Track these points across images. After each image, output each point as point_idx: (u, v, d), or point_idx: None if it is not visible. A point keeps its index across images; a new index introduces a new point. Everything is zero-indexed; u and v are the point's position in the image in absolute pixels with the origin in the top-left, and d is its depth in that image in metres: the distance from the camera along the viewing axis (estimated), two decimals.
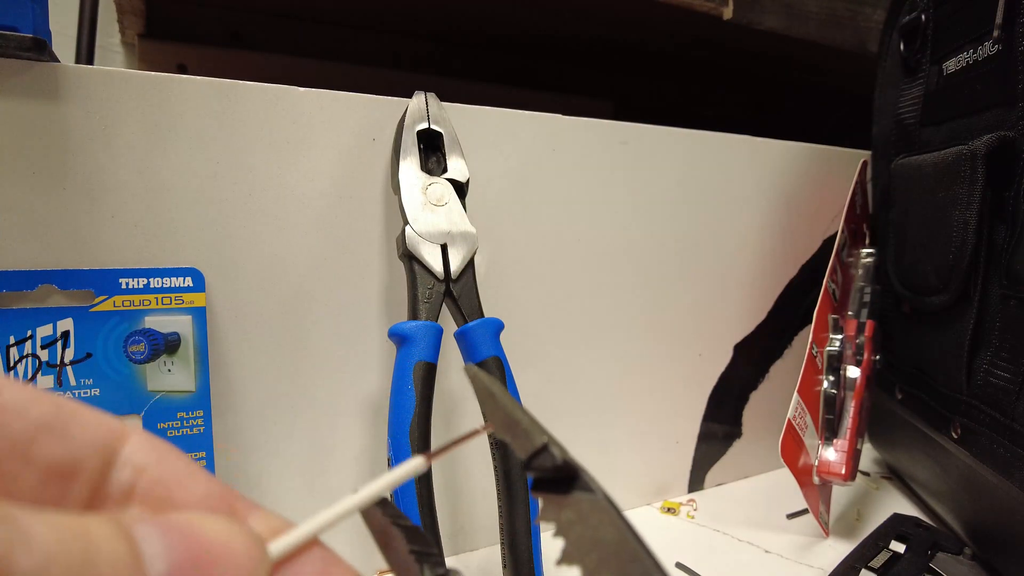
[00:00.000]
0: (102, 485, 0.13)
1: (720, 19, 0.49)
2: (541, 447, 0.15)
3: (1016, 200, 0.34)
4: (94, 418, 0.13)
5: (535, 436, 0.16)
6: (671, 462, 0.50)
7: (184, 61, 0.59)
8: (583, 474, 0.15)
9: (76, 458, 0.13)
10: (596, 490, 0.15)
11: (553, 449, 0.15)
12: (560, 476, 0.16)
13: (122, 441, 0.13)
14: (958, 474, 0.40)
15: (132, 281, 0.31)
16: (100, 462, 0.13)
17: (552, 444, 0.15)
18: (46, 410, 0.13)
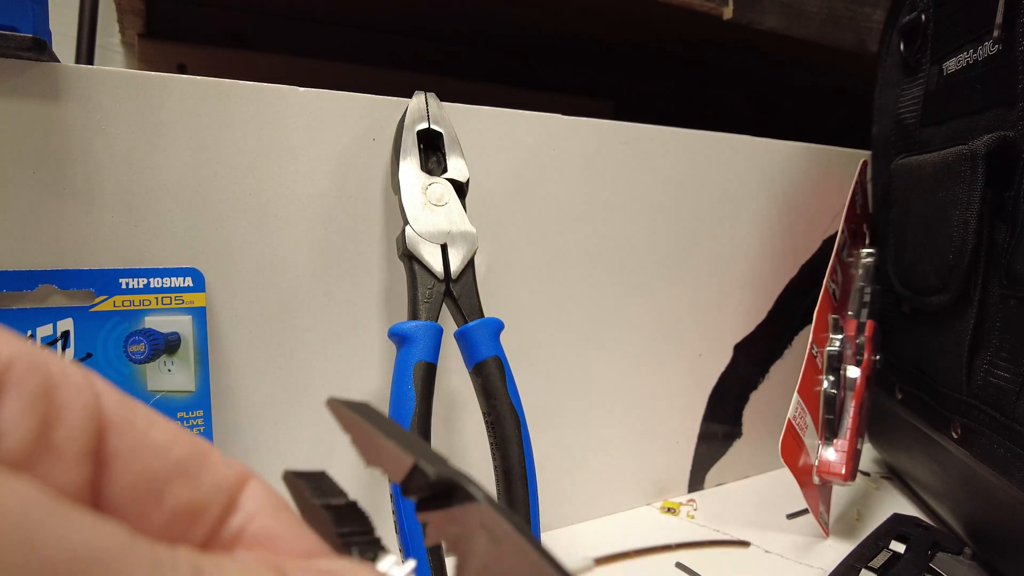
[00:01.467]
0: (220, 528, 0.13)
1: (720, 19, 0.49)
2: (410, 469, 0.15)
3: (1016, 200, 0.34)
4: (223, 461, 0.14)
5: (403, 458, 0.15)
6: (671, 462, 0.50)
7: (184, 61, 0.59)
8: (461, 482, 0.15)
9: (205, 500, 0.13)
10: (478, 496, 0.14)
11: (423, 466, 0.14)
12: (438, 492, 0.15)
13: (243, 485, 0.14)
14: (958, 474, 0.40)
15: (132, 281, 0.31)
16: (224, 506, 0.13)
17: (423, 461, 0.15)
18: (186, 452, 0.13)
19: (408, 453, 0.15)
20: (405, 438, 0.15)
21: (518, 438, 0.32)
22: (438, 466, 0.15)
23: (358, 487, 0.37)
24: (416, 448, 0.15)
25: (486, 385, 0.32)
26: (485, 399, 0.32)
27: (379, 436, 0.15)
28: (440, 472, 0.15)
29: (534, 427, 0.33)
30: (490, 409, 0.32)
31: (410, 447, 0.15)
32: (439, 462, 0.15)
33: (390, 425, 0.16)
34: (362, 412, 0.16)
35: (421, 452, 0.15)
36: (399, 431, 0.16)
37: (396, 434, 0.15)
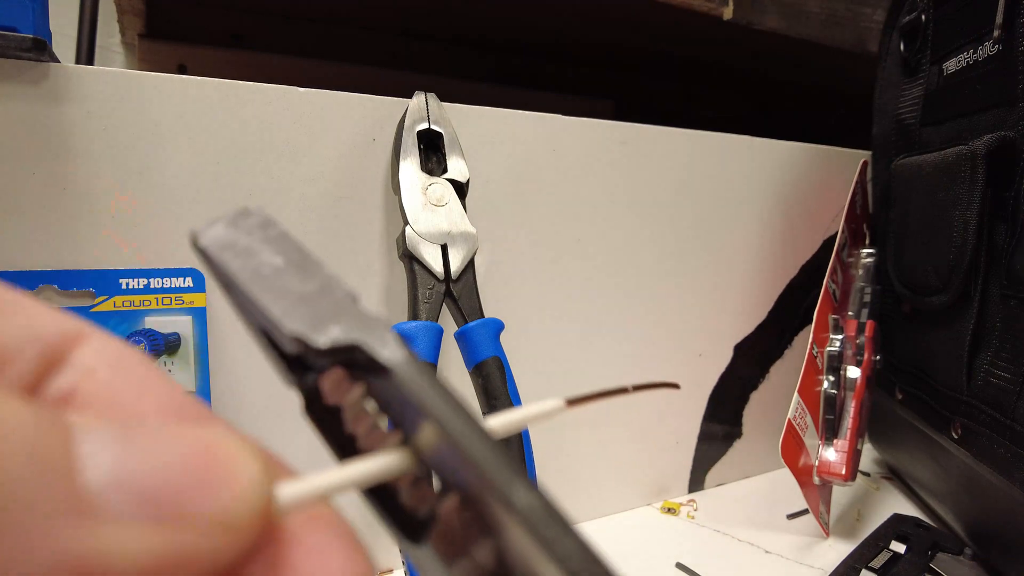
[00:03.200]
0: (37, 387, 0.11)
1: (720, 19, 0.49)
2: (294, 339, 0.11)
3: (1016, 200, 0.34)
4: (42, 312, 0.11)
5: (279, 323, 0.11)
6: (671, 462, 0.50)
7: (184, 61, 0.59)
8: (366, 344, 0.11)
9: (5, 348, 0.10)
10: (392, 362, 0.11)
11: (302, 334, 0.11)
12: (339, 361, 0.12)
13: (76, 343, 0.11)
14: (958, 474, 0.40)
15: (132, 281, 0.31)
16: (37, 358, 0.11)
17: (304, 322, 0.11)
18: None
19: (282, 313, 0.11)
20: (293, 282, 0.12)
21: (518, 438, 0.32)
22: (332, 325, 0.11)
23: None
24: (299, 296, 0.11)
25: (486, 385, 0.32)
26: (485, 399, 0.32)
27: (250, 294, 0.12)
28: (336, 339, 0.11)
29: (534, 427, 0.33)
30: (490, 409, 0.32)
31: (291, 298, 0.11)
32: (335, 315, 0.11)
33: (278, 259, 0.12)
34: (237, 252, 0.12)
35: (307, 302, 0.11)
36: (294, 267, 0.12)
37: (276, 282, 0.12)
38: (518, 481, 0.10)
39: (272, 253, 0.12)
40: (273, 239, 0.13)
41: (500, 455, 0.10)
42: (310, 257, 0.13)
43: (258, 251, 0.12)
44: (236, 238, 0.13)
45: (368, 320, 0.12)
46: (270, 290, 0.12)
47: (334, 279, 0.12)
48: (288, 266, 0.12)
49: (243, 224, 0.13)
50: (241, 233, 0.13)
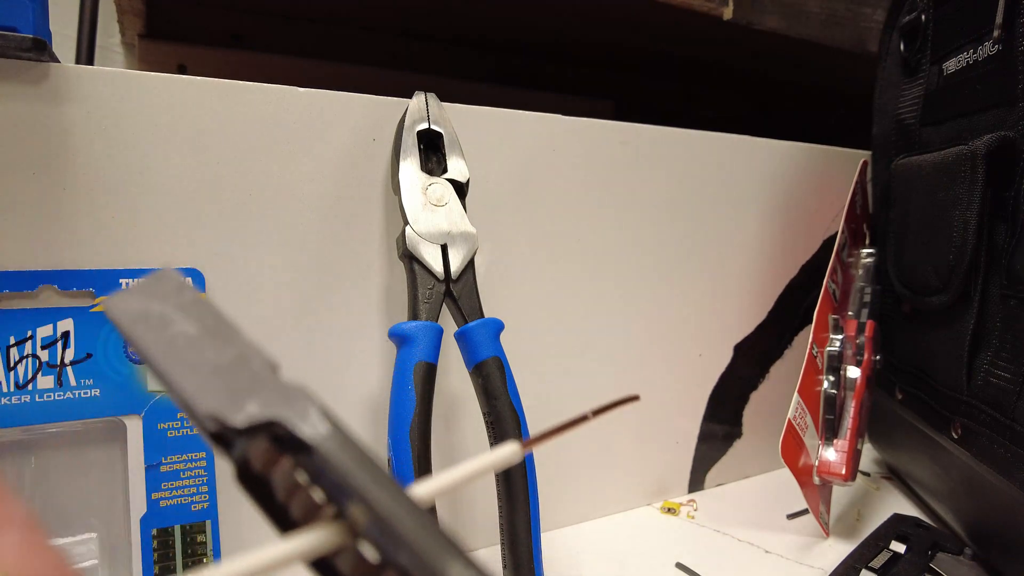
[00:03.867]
0: None
1: (720, 19, 0.49)
2: (205, 417, 0.11)
3: (1016, 200, 0.34)
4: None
5: (192, 402, 0.11)
6: (671, 462, 0.50)
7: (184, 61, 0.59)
8: (285, 420, 0.11)
9: None
10: (312, 439, 0.11)
11: (216, 412, 0.11)
12: (264, 436, 0.11)
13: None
14: (958, 474, 0.40)
15: (132, 281, 0.31)
16: None
17: (211, 400, 0.11)
18: None
19: (197, 391, 0.11)
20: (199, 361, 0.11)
21: (518, 438, 0.32)
22: (249, 401, 0.11)
23: None
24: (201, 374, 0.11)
25: (486, 385, 0.32)
26: (485, 399, 0.32)
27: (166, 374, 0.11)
28: (253, 416, 0.11)
29: (534, 427, 0.33)
30: (490, 409, 0.32)
31: (191, 380, 0.11)
32: (253, 389, 0.11)
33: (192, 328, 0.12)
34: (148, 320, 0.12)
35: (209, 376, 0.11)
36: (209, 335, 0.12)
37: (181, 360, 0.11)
38: (451, 559, 0.10)
39: (186, 321, 0.12)
40: (187, 305, 0.13)
41: (432, 531, 0.10)
42: (226, 323, 0.12)
43: (172, 320, 0.12)
44: (149, 307, 0.12)
45: (288, 392, 0.12)
46: (184, 364, 0.12)
47: (251, 347, 0.12)
48: (203, 334, 0.12)
49: (157, 290, 0.13)
50: (155, 301, 0.13)
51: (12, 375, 0.29)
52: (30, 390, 0.29)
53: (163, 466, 0.31)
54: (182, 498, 0.31)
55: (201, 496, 0.32)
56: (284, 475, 0.12)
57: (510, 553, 0.31)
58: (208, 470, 0.32)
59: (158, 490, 0.31)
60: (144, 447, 0.31)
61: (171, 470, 0.31)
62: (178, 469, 0.31)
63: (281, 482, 0.12)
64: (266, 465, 0.12)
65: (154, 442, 0.31)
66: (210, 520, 0.32)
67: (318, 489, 0.11)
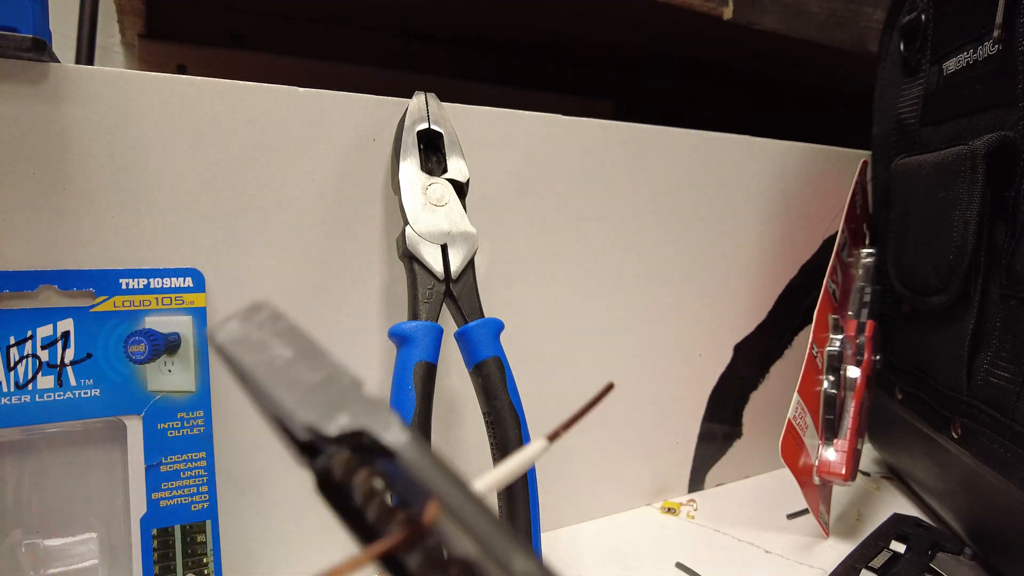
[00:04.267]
0: None
1: (720, 19, 0.49)
2: (308, 431, 0.12)
3: (1016, 200, 0.34)
4: None
5: (292, 415, 0.12)
6: (671, 462, 0.50)
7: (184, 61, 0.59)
8: (372, 430, 0.12)
9: None
10: (396, 446, 0.12)
11: (314, 424, 0.12)
12: (352, 446, 0.13)
13: None
14: (958, 474, 0.40)
15: (132, 281, 0.31)
16: None
17: (316, 414, 0.13)
18: None
19: (295, 404, 0.12)
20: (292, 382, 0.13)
21: (518, 438, 0.32)
22: (340, 413, 0.12)
23: None
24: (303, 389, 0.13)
25: (486, 385, 0.32)
26: (485, 399, 0.32)
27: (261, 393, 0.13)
28: (344, 426, 0.12)
29: (534, 427, 0.33)
30: (490, 409, 0.32)
31: (286, 395, 0.12)
32: (343, 402, 0.13)
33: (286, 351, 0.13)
34: (243, 352, 0.13)
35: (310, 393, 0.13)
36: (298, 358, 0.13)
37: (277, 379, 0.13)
38: (516, 551, 0.11)
39: (282, 346, 0.14)
40: (282, 332, 0.14)
41: (499, 527, 0.11)
42: (317, 347, 0.14)
43: (269, 344, 0.14)
44: (248, 333, 0.14)
45: (373, 405, 0.13)
46: (282, 382, 0.13)
47: (340, 367, 0.13)
48: (297, 357, 0.13)
49: (254, 319, 0.14)
50: (253, 327, 0.14)
51: (12, 375, 0.29)
52: (30, 390, 0.29)
53: (163, 466, 0.31)
54: (182, 498, 0.31)
55: (201, 496, 0.32)
56: (363, 482, 0.13)
57: None
58: (208, 470, 0.32)
59: (158, 490, 0.31)
60: (144, 447, 0.31)
61: (171, 470, 0.31)
62: (178, 469, 0.31)
63: (360, 488, 0.13)
64: (347, 473, 0.13)
65: (154, 442, 0.31)
66: (210, 520, 0.32)
67: (391, 494, 0.13)
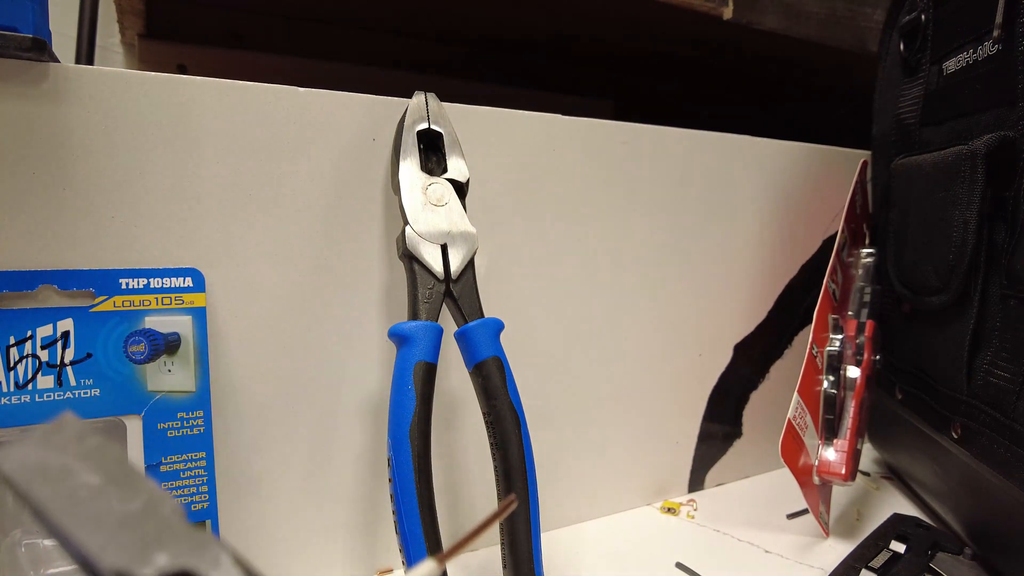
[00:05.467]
0: None
1: (720, 19, 0.49)
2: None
3: (1016, 200, 0.34)
4: None
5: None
6: (671, 462, 0.50)
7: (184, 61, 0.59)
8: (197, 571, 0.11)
9: None
10: None
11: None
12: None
13: None
14: (958, 474, 0.40)
15: (132, 281, 0.31)
16: None
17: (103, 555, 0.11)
18: None
19: (101, 546, 0.10)
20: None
21: (518, 438, 0.32)
22: (158, 552, 0.11)
23: (358, 486, 0.37)
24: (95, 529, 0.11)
25: (486, 385, 0.32)
26: (485, 399, 0.32)
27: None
28: (162, 568, 0.11)
29: (534, 427, 0.33)
30: (490, 409, 0.32)
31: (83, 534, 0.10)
32: (165, 538, 0.11)
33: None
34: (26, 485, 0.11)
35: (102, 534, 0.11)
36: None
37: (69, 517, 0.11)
38: None
39: (89, 470, 0.12)
40: (91, 452, 0.12)
41: None
42: (133, 470, 0.12)
43: (73, 470, 0.12)
44: (47, 457, 0.12)
45: (198, 539, 0.11)
46: (88, 517, 0.11)
47: (159, 494, 0.12)
48: (108, 484, 0.12)
49: (56, 440, 0.12)
50: (53, 451, 0.12)
51: (12, 375, 0.29)
52: (30, 390, 0.29)
53: (163, 466, 0.31)
54: (182, 498, 0.31)
55: (201, 496, 0.32)
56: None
57: (510, 553, 0.31)
58: (208, 470, 0.32)
59: None
60: (144, 447, 0.31)
61: (171, 470, 0.31)
62: (178, 469, 0.31)
63: None
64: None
65: (154, 442, 0.31)
66: (210, 520, 0.32)
67: None
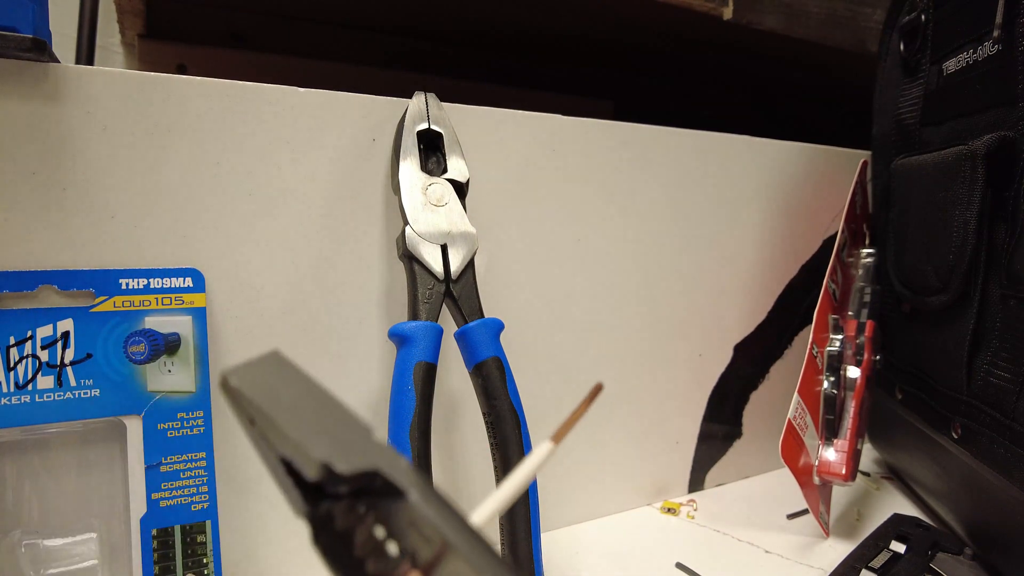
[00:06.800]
0: None
1: (720, 19, 0.49)
2: (320, 467, 0.12)
3: (1016, 200, 0.34)
4: None
5: (305, 450, 0.12)
6: (671, 462, 0.50)
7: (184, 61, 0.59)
8: (386, 472, 0.12)
9: None
10: (406, 489, 0.12)
11: (330, 461, 0.12)
12: (359, 488, 0.13)
13: None
14: (958, 474, 0.40)
15: (132, 281, 0.31)
16: None
17: (332, 451, 0.12)
18: None
19: (309, 442, 0.12)
20: (310, 414, 0.13)
21: (518, 438, 0.32)
22: (352, 454, 0.12)
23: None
24: (320, 428, 0.13)
25: (486, 385, 0.32)
26: (485, 399, 0.32)
27: (276, 423, 0.13)
28: (357, 465, 0.12)
29: (534, 427, 0.33)
30: (490, 409, 0.32)
31: (312, 430, 0.13)
32: (354, 445, 0.13)
33: (294, 393, 0.14)
34: (259, 387, 0.14)
35: (326, 433, 0.13)
36: (307, 400, 0.13)
37: (297, 411, 0.13)
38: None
39: (294, 391, 0.14)
40: (292, 379, 0.14)
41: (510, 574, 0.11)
42: (327, 394, 0.14)
43: (280, 389, 0.14)
44: (259, 377, 0.14)
45: (383, 450, 0.13)
46: (295, 422, 0.13)
47: (350, 413, 0.14)
48: (309, 402, 0.14)
49: (268, 366, 0.15)
50: (267, 374, 0.14)
51: (12, 375, 0.29)
52: (30, 390, 0.29)
53: (163, 466, 0.31)
54: (182, 498, 0.31)
55: (201, 496, 0.32)
56: (365, 530, 0.12)
57: (510, 553, 0.31)
58: (208, 470, 0.32)
59: (158, 490, 0.31)
60: (144, 447, 0.31)
61: (171, 470, 0.31)
62: (178, 469, 0.31)
63: (362, 537, 0.12)
64: (350, 521, 0.13)
65: (154, 442, 0.31)
66: (210, 520, 0.32)
67: (394, 543, 0.12)
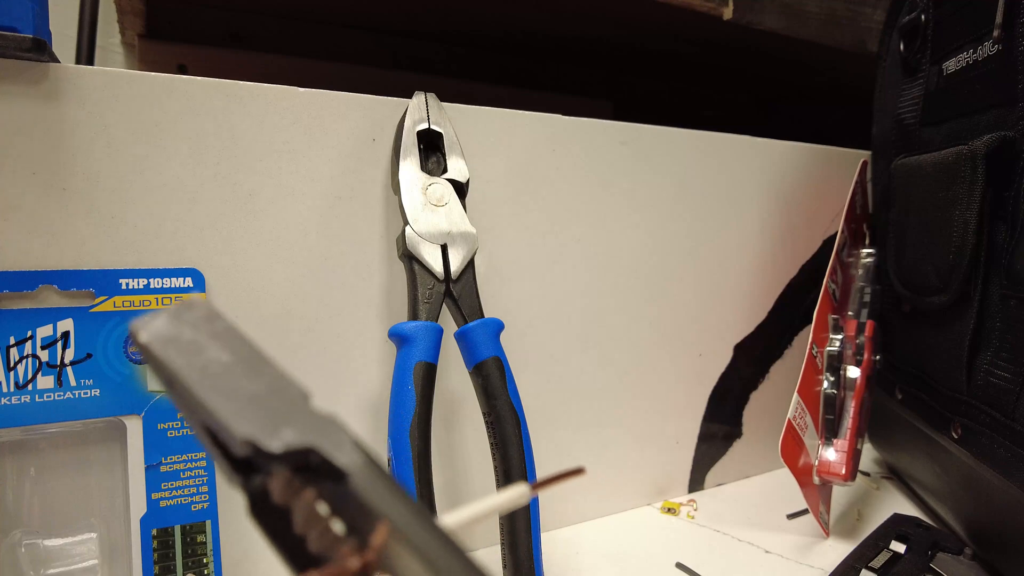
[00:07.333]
0: None
1: (720, 19, 0.49)
2: (246, 443, 0.11)
3: (1016, 200, 0.34)
4: None
5: (230, 425, 0.11)
6: (671, 462, 0.50)
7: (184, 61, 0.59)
8: (324, 449, 0.11)
9: None
10: (348, 467, 0.11)
11: (258, 440, 0.11)
12: (295, 465, 0.11)
13: None
14: (958, 474, 0.40)
15: (132, 281, 0.31)
16: None
17: (260, 428, 0.11)
18: None
19: (233, 415, 0.11)
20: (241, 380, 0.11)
21: (518, 438, 0.32)
22: (284, 428, 0.11)
23: None
24: (253, 399, 0.11)
25: (486, 385, 0.32)
26: (485, 399, 0.32)
27: (196, 394, 0.11)
28: (289, 443, 0.11)
29: (534, 427, 0.33)
30: (490, 409, 0.32)
31: (241, 402, 0.11)
32: (288, 416, 0.11)
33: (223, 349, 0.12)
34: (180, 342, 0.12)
35: (260, 404, 0.11)
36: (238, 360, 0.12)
37: (224, 379, 0.11)
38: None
39: (219, 349, 0.12)
40: (219, 333, 0.12)
41: (463, 562, 0.10)
42: (259, 352, 0.12)
43: (204, 347, 0.12)
44: (180, 332, 0.12)
45: (322, 421, 0.11)
46: (218, 389, 0.11)
47: (285, 376, 0.12)
48: (236, 363, 0.12)
49: (187, 317, 0.12)
50: (185, 327, 0.12)
51: (12, 375, 0.29)
52: (30, 390, 0.29)
53: (163, 466, 0.31)
54: (182, 498, 0.31)
55: (201, 496, 0.32)
56: (305, 506, 0.11)
57: (510, 553, 0.31)
58: (208, 470, 0.32)
59: (158, 490, 0.31)
60: (144, 447, 0.31)
61: (171, 470, 0.31)
62: (178, 469, 0.31)
63: (301, 513, 0.11)
64: (287, 495, 0.11)
65: (154, 442, 0.31)
66: (210, 520, 0.32)
67: (338, 521, 0.11)
